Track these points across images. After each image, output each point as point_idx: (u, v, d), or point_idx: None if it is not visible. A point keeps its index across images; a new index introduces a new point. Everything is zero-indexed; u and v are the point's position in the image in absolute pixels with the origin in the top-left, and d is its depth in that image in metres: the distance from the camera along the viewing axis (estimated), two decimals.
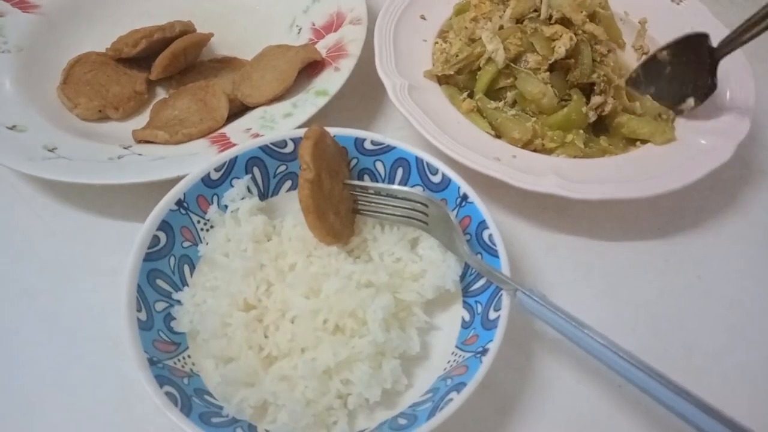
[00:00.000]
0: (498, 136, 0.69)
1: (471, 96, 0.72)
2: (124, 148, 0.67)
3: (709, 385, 0.50)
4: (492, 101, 0.71)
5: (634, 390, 0.52)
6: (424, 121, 0.66)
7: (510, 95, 0.70)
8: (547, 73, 0.68)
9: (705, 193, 0.70)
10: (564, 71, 0.69)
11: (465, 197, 0.58)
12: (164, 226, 0.56)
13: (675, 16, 0.78)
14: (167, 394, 0.47)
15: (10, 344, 0.59)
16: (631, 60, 0.79)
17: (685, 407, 0.42)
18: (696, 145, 0.66)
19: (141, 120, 0.74)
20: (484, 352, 0.49)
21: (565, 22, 0.69)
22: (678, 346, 0.59)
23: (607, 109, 0.68)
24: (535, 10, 0.70)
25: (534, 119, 0.69)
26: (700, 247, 0.67)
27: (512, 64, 0.69)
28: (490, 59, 0.70)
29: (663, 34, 0.75)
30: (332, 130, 0.61)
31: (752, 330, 0.61)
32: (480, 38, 0.71)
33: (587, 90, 0.69)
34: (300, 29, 0.81)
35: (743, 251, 0.66)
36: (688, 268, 0.65)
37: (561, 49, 0.67)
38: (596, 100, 0.68)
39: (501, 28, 0.71)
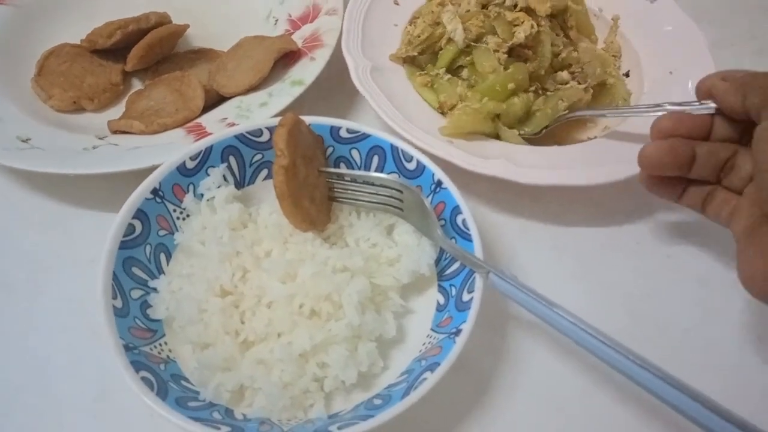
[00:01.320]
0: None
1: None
2: (99, 138, 0.66)
3: (682, 359, 0.51)
4: (437, 70, 0.72)
5: (608, 368, 0.54)
6: (381, 102, 0.67)
7: (465, 72, 0.71)
8: (505, 55, 0.68)
9: None
10: (523, 60, 0.70)
11: (439, 183, 0.59)
12: (140, 214, 0.56)
13: (649, 14, 0.79)
14: (143, 379, 0.47)
15: None
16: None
17: (653, 382, 0.43)
18: (647, 136, 0.67)
19: (116, 111, 0.74)
20: (458, 332, 0.50)
21: (530, 11, 0.69)
22: (651, 324, 0.61)
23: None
24: None
25: (462, 84, 0.70)
26: (669, 228, 0.68)
27: (472, 44, 0.70)
28: (450, 40, 0.71)
29: (635, 31, 0.77)
30: (308, 119, 0.61)
31: (721, 305, 0.62)
32: (443, 21, 0.72)
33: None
34: (276, 20, 0.81)
35: (709, 230, 0.67)
36: (658, 249, 0.67)
37: (521, 34, 0.67)
38: (563, 76, 0.71)
39: (467, 12, 0.72)
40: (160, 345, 0.53)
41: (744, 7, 0.96)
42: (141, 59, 0.74)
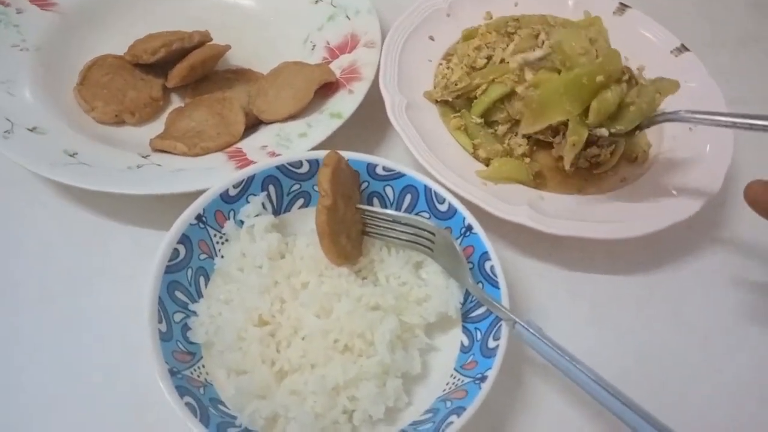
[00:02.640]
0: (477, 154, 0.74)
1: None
2: (143, 156, 0.69)
3: (681, 414, 0.54)
4: (475, 117, 0.75)
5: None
6: (414, 139, 0.70)
7: (502, 122, 0.75)
8: None
9: (683, 232, 0.75)
10: None
11: (470, 228, 0.62)
12: (184, 239, 0.59)
13: (673, 67, 0.82)
14: (187, 404, 0.50)
15: (28, 347, 0.61)
16: None
17: None
18: (667, 194, 0.70)
19: (156, 126, 0.76)
20: (483, 379, 0.53)
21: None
22: (656, 374, 0.64)
23: (601, 159, 0.73)
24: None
25: (506, 144, 0.74)
26: (679, 282, 0.72)
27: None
28: (486, 90, 0.74)
29: None
30: (346, 154, 0.64)
31: (722, 363, 0.66)
32: (479, 68, 0.75)
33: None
34: (314, 46, 0.84)
35: (716, 288, 0.71)
36: (668, 301, 0.70)
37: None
38: (593, 150, 0.73)
39: (502, 61, 0.75)
40: (199, 368, 0.56)
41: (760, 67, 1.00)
42: (183, 78, 0.76)
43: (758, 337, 0.68)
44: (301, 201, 0.67)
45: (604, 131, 0.64)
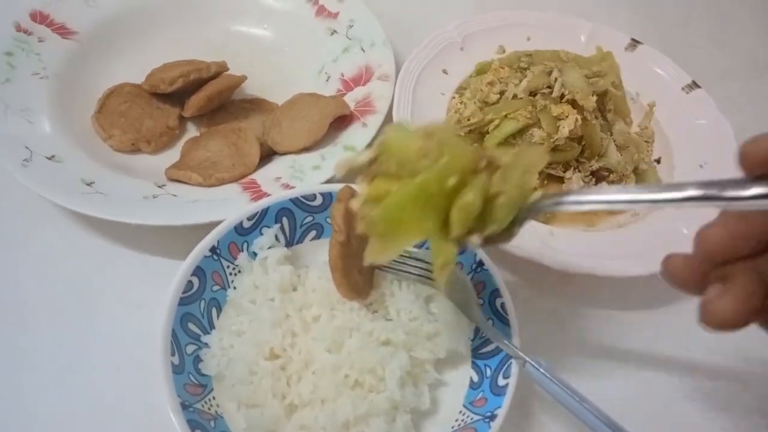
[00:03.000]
0: None
1: None
2: (158, 186, 0.70)
3: None
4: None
5: None
6: None
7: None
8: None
9: None
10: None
11: (481, 264, 0.62)
12: (198, 271, 0.60)
13: (684, 104, 0.83)
14: None
15: (39, 369, 0.62)
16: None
17: None
18: (678, 233, 0.70)
19: (171, 154, 0.77)
20: (493, 417, 0.53)
21: (575, 104, 0.73)
22: (663, 414, 0.64)
23: None
24: (549, 87, 0.75)
25: None
26: (688, 320, 0.71)
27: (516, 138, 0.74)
28: (498, 125, 0.75)
29: (669, 120, 0.81)
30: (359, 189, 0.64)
31: (730, 404, 0.66)
32: (492, 103, 0.76)
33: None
34: (329, 77, 0.85)
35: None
36: (675, 340, 0.70)
37: (564, 129, 0.71)
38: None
39: (515, 97, 0.76)
40: (210, 400, 0.56)
41: None
42: (200, 109, 0.77)
43: (764, 374, 0.68)
44: (313, 233, 0.67)
45: (475, 240, 0.45)
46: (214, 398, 0.57)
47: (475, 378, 0.60)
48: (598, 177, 0.77)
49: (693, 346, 0.70)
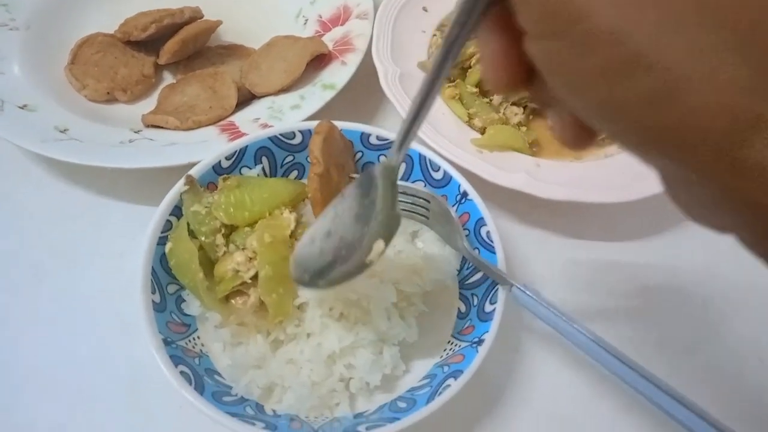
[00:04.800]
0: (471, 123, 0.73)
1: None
2: (135, 132, 0.68)
3: (681, 376, 0.54)
4: (470, 86, 0.74)
5: (615, 384, 0.57)
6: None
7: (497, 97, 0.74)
8: None
9: None
10: None
11: (465, 194, 0.61)
12: (176, 210, 0.58)
13: None
14: (182, 373, 0.49)
15: (20, 324, 0.61)
16: None
17: (662, 398, 0.46)
18: None
19: (148, 103, 0.76)
20: (480, 342, 0.52)
21: None
22: (654, 340, 0.64)
23: None
24: None
25: (501, 113, 0.73)
26: (678, 248, 0.71)
27: None
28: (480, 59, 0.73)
29: None
30: (340, 124, 0.63)
31: (722, 327, 0.65)
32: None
33: None
34: (306, 20, 0.83)
35: (716, 255, 0.70)
36: (666, 268, 0.69)
37: None
38: None
39: None
40: (194, 339, 0.55)
41: None
42: (174, 54, 0.75)
43: (757, 299, 0.67)
44: (294, 173, 0.66)
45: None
46: (198, 338, 0.56)
47: (463, 308, 0.59)
48: None
49: (683, 274, 0.69)
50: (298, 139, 0.64)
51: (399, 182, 0.61)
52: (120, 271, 0.63)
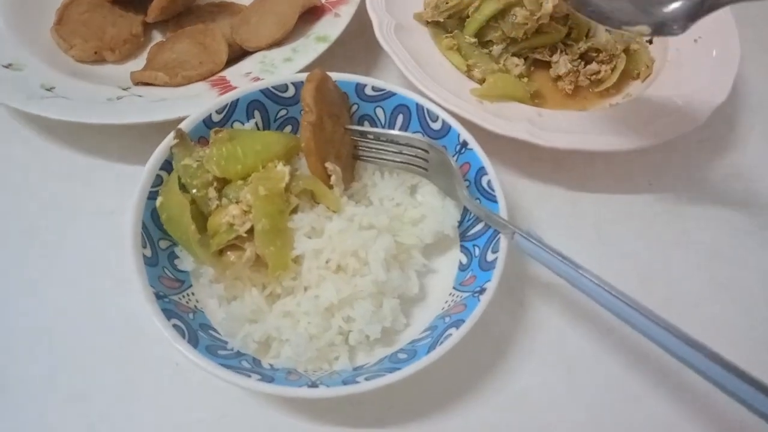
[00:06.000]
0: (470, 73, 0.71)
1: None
2: (123, 89, 0.66)
3: (688, 329, 0.52)
4: (469, 37, 0.72)
5: (620, 333, 0.55)
6: (406, 60, 0.67)
7: (497, 41, 0.72)
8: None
9: (693, 150, 0.72)
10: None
11: (465, 144, 0.59)
12: (167, 165, 0.57)
13: None
14: (174, 326, 0.48)
15: (14, 282, 0.59)
16: None
17: (672, 342, 0.44)
18: (672, 107, 0.66)
19: (137, 63, 0.74)
20: (482, 291, 0.51)
21: None
22: (661, 292, 0.62)
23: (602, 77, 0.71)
24: None
25: (501, 64, 0.71)
26: (686, 202, 0.69)
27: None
28: (479, 7, 0.70)
29: None
30: (334, 76, 0.61)
31: (730, 281, 0.63)
32: None
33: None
34: None
35: (726, 206, 0.68)
36: (674, 221, 0.67)
37: (548, 4, 0.67)
38: (593, 67, 0.71)
39: None
40: (188, 295, 0.54)
41: None
42: (162, 11, 0.73)
43: (764, 251, 0.65)
44: (288, 128, 0.64)
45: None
46: (193, 294, 0.55)
47: (464, 260, 0.58)
48: (587, 59, 0.73)
49: (691, 225, 0.67)
50: (291, 92, 0.62)
51: (397, 132, 0.60)
52: (111, 228, 0.61)
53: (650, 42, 0.77)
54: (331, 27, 0.70)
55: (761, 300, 0.62)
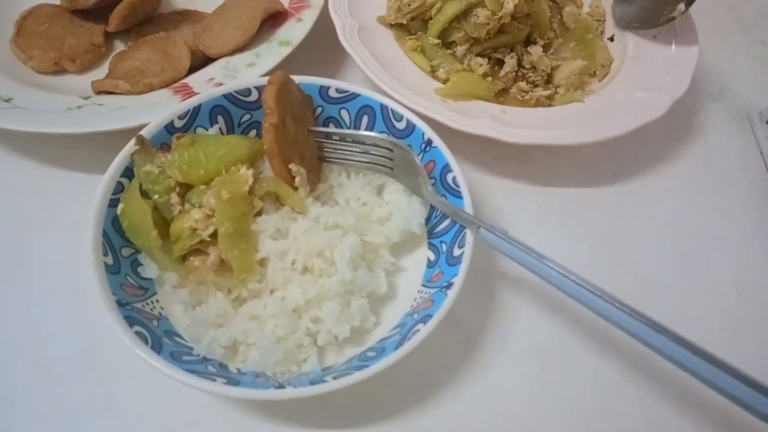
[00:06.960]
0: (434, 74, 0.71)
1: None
2: (84, 98, 0.65)
3: (659, 312, 0.52)
4: (432, 38, 0.72)
5: (590, 322, 0.55)
6: (369, 62, 0.67)
7: (460, 42, 0.72)
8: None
9: (657, 140, 0.73)
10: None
11: (429, 142, 0.59)
12: (128, 172, 0.56)
13: None
14: (137, 333, 0.47)
15: None
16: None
17: (638, 327, 0.44)
18: (632, 98, 0.67)
19: (99, 73, 0.73)
20: (449, 286, 0.51)
21: None
22: (631, 279, 0.62)
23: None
24: None
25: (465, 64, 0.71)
26: (652, 190, 0.70)
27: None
28: (441, 9, 0.71)
29: None
30: (297, 78, 0.61)
31: (697, 262, 0.64)
32: None
33: None
34: None
35: (690, 193, 0.69)
36: (640, 209, 0.68)
37: (509, 4, 0.68)
38: (522, 86, 0.73)
39: None
40: (152, 302, 0.53)
41: None
42: (123, 20, 0.72)
43: (734, 234, 0.67)
44: (253, 132, 0.64)
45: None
46: (157, 301, 0.54)
47: (432, 257, 0.58)
48: (521, 75, 0.74)
49: (657, 213, 0.68)
50: (254, 96, 0.62)
51: (361, 132, 0.60)
52: (75, 239, 0.60)
53: (611, 40, 0.78)
54: (294, 31, 0.70)
55: (728, 280, 0.63)
